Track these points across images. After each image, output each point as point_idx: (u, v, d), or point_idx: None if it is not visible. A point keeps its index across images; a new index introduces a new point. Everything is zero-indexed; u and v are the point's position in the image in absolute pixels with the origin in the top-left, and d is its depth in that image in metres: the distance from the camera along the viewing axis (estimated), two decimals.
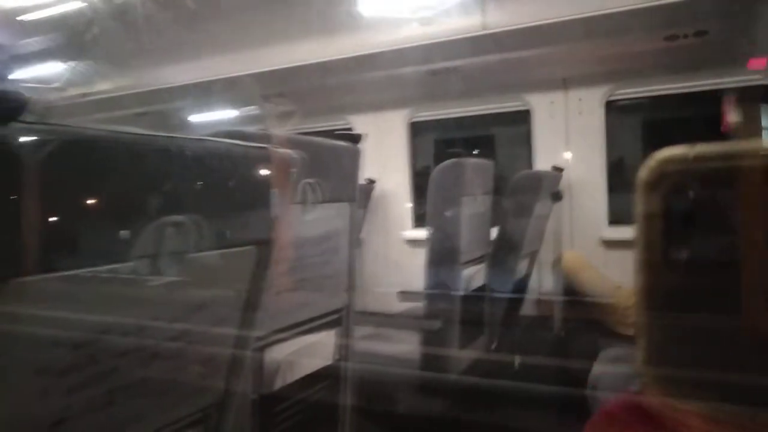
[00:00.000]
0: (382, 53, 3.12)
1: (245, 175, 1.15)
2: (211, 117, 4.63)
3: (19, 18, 3.31)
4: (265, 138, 1.31)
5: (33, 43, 3.76)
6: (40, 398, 0.81)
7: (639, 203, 1.15)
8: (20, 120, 0.71)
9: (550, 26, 2.83)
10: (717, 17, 2.58)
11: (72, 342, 0.84)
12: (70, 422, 0.85)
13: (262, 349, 1.44)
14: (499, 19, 2.97)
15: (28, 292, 0.76)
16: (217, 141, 1.07)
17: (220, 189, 1.07)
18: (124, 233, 0.89)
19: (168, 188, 0.97)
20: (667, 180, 1.13)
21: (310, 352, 1.66)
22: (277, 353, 1.50)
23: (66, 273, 0.80)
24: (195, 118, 4.70)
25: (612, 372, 2.27)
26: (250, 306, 1.24)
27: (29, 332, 0.79)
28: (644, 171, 1.15)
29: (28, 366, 0.80)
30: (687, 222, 1.14)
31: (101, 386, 0.89)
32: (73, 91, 4.16)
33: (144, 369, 0.97)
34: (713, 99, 3.11)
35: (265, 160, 1.20)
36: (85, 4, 3.11)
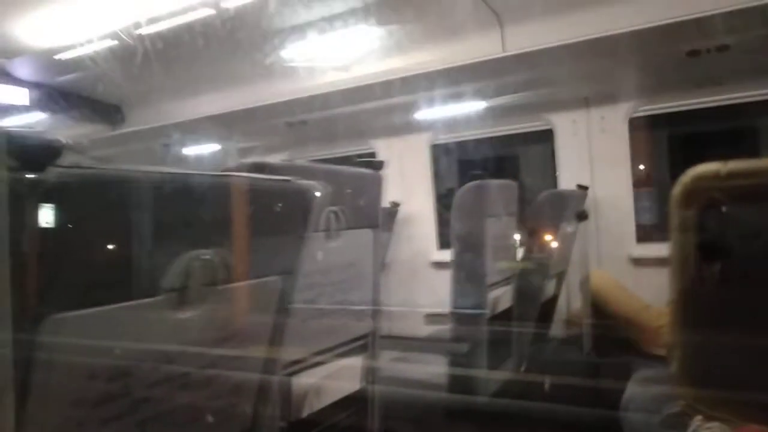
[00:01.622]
0: (403, 79, 3.17)
1: (270, 208, 1.18)
2: None
3: None
4: (288, 169, 1.35)
5: None
6: (76, 429, 0.84)
7: (673, 218, 1.15)
8: (56, 164, 0.75)
9: (570, 47, 2.84)
10: (738, 32, 2.56)
11: (107, 374, 0.87)
12: None
13: (289, 376, 1.46)
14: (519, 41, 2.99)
15: (67, 327, 0.80)
16: (243, 176, 1.11)
17: (245, 222, 1.11)
18: (154, 268, 0.92)
19: (195, 223, 1.00)
20: (700, 196, 1.13)
21: (337, 378, 1.67)
22: (305, 380, 1.52)
23: (101, 308, 0.84)
24: None
25: (645, 393, 2.23)
26: (277, 334, 1.26)
27: (67, 365, 0.82)
28: (678, 187, 1.15)
29: (66, 397, 0.83)
30: (721, 236, 1.13)
31: (134, 417, 0.92)
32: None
33: (175, 399, 1.00)
34: (739, 113, 3.07)
35: (289, 191, 1.23)
36: None
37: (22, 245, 0.71)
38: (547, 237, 3.05)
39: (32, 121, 3.98)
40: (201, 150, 4.98)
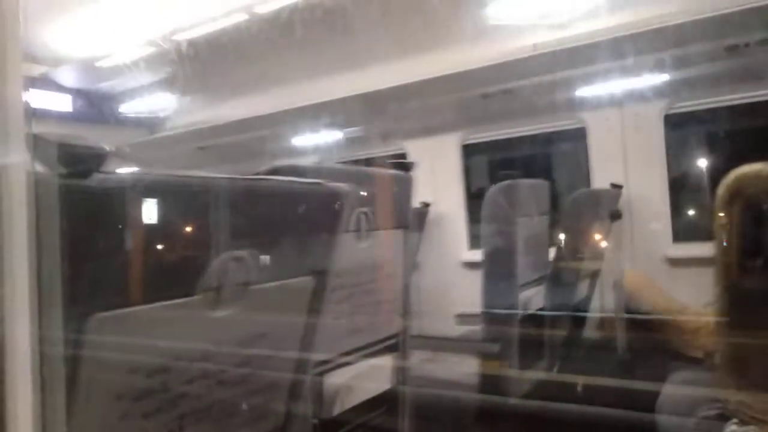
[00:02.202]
0: (433, 80, 3.17)
1: (301, 210, 1.21)
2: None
3: None
4: (319, 171, 1.38)
5: None
6: (120, 422, 0.88)
7: (717, 218, 1.14)
8: (100, 171, 0.80)
9: (604, 43, 2.79)
10: None
11: (147, 370, 0.91)
12: None
13: (321, 375, 1.49)
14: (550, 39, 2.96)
15: (112, 324, 0.84)
16: (276, 179, 1.14)
17: (278, 224, 1.14)
18: (192, 268, 0.96)
19: (231, 224, 1.04)
20: (744, 196, 1.12)
21: (368, 377, 1.69)
22: (336, 378, 1.54)
23: (142, 307, 0.88)
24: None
25: (681, 395, 2.19)
26: (308, 333, 1.29)
27: (111, 361, 0.86)
28: (722, 188, 1.14)
29: (110, 392, 0.87)
30: (765, 235, 1.12)
31: (172, 412, 0.96)
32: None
33: (211, 395, 1.04)
34: None
35: (320, 193, 1.26)
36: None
37: (72, 248, 0.76)
38: (581, 237, 3.02)
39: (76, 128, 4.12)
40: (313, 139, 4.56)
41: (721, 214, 1.18)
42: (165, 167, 0.98)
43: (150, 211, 0.89)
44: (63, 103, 3.86)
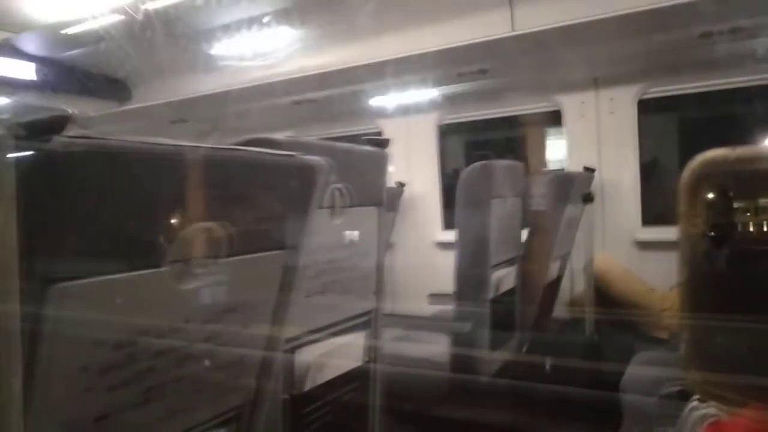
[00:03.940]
0: (408, 57, 3.14)
1: (274, 183, 1.18)
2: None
3: None
4: (294, 145, 1.35)
5: None
6: (84, 394, 0.86)
7: (682, 203, 1.15)
8: (62, 134, 0.76)
9: (580, 26, 2.79)
10: (751, 15, 2.52)
11: (112, 342, 0.89)
12: (112, 418, 0.90)
13: (292, 351, 1.48)
14: (528, 20, 2.94)
15: (71, 296, 0.81)
16: (247, 150, 1.11)
17: (249, 196, 1.11)
18: (159, 239, 0.94)
19: (200, 196, 1.01)
20: (709, 181, 1.13)
21: (340, 354, 1.69)
22: (308, 355, 1.54)
23: (105, 278, 0.85)
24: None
25: (644, 375, 2.24)
26: (280, 309, 1.28)
27: (73, 333, 0.84)
28: (687, 172, 1.15)
29: (73, 364, 0.85)
30: (729, 220, 1.13)
31: (139, 385, 0.94)
32: None
33: (179, 369, 1.02)
34: (749, 97, 3.04)
35: (294, 166, 1.23)
36: None
37: (30, 214, 0.72)
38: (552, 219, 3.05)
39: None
40: None
41: (685, 198, 1.19)
42: None
43: (115, 179, 0.85)
44: (26, 71, 3.71)
